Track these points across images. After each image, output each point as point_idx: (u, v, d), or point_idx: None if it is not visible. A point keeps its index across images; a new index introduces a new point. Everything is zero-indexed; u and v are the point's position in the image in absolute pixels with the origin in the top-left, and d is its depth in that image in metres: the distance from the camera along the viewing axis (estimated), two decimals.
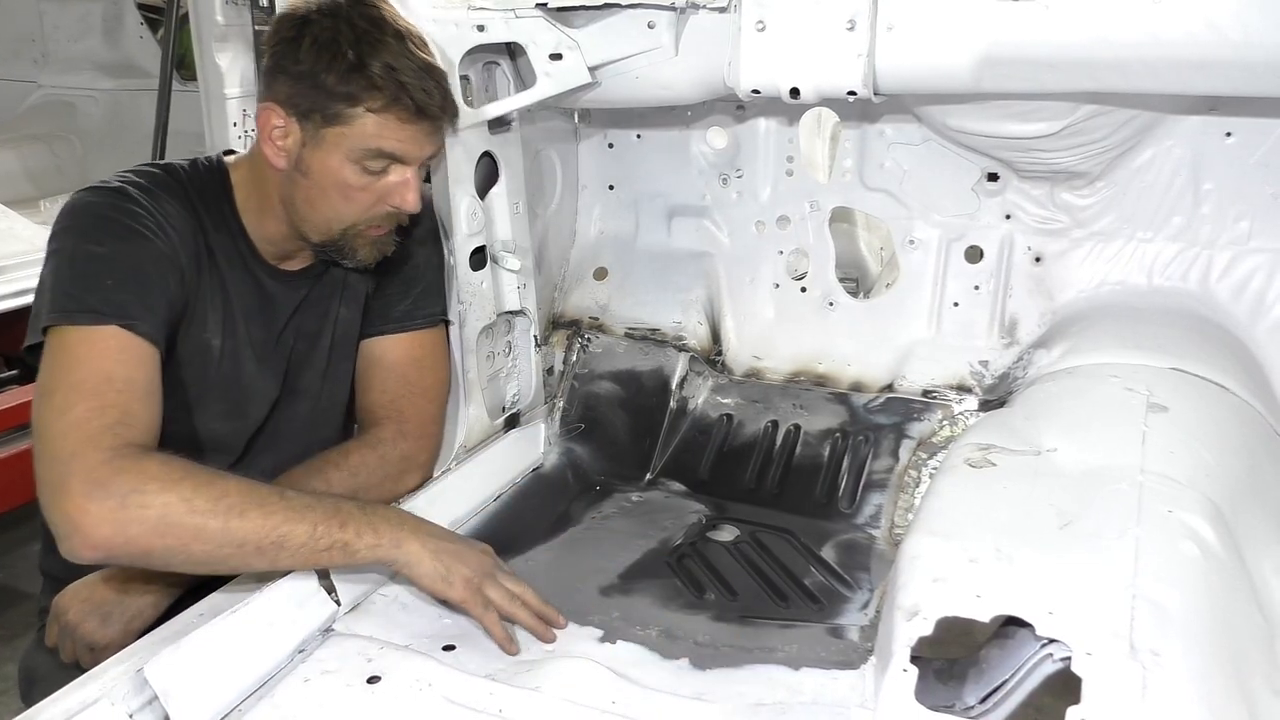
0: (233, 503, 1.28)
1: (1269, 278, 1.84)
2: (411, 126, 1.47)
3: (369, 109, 1.44)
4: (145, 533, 1.24)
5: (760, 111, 2.15)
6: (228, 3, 3.11)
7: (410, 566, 1.40)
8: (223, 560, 1.30)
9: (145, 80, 4.38)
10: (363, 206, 1.51)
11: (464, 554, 1.45)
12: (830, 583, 1.68)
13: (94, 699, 1.17)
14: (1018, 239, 2.02)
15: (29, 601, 2.44)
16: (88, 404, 1.29)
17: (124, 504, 1.23)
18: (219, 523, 1.26)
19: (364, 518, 1.38)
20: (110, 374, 1.33)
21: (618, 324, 2.25)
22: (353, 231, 1.53)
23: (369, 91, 1.44)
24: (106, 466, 1.24)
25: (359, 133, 1.45)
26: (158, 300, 1.43)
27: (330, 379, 1.72)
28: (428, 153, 1.53)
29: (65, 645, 1.48)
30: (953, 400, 1.99)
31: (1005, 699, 1.22)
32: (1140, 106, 1.75)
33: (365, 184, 1.49)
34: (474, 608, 1.41)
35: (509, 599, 1.44)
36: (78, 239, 1.42)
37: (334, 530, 1.34)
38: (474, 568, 1.43)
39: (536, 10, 1.78)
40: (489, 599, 1.42)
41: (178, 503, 1.25)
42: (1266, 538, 1.43)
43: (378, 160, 1.48)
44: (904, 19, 1.58)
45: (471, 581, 1.42)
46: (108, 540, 1.24)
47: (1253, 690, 1.16)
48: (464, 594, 1.41)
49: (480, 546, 1.51)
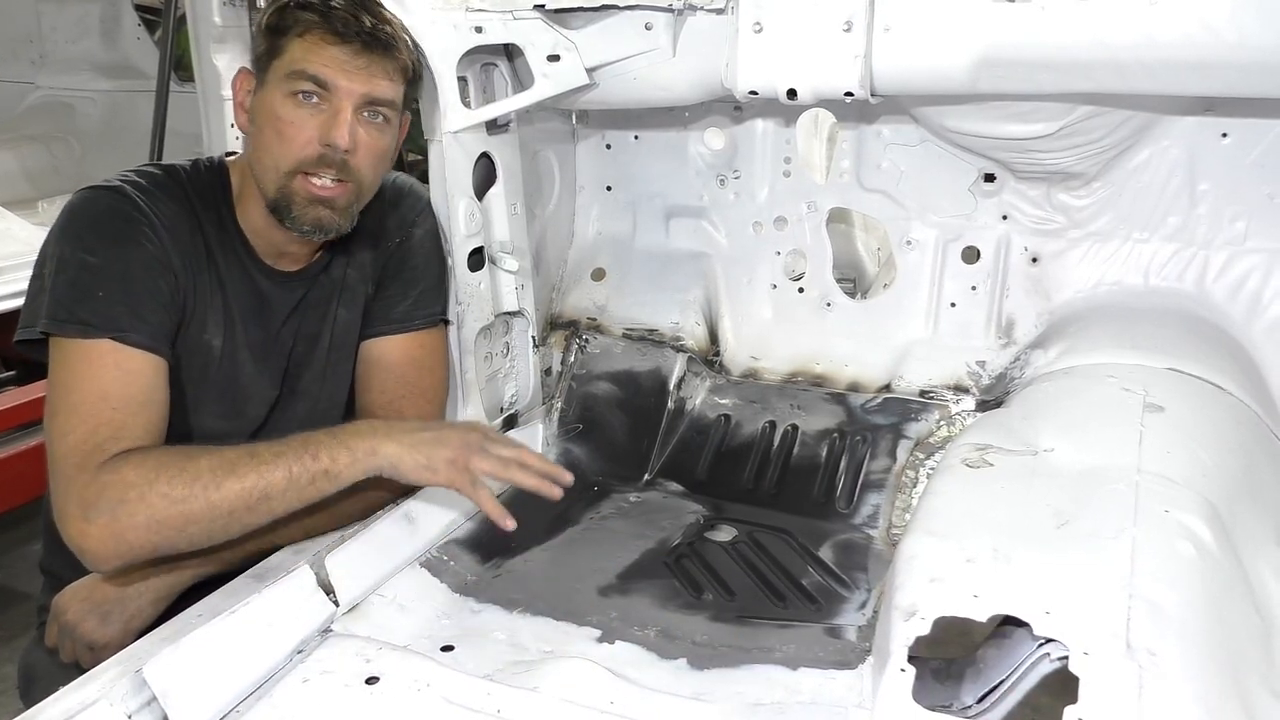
0: (207, 480, 1.32)
1: (1265, 278, 1.84)
2: (335, 49, 1.46)
3: (297, 34, 1.46)
4: (141, 534, 1.31)
5: (758, 112, 2.15)
6: (225, 4, 3.10)
7: (393, 468, 1.41)
8: (223, 530, 1.35)
9: (143, 81, 4.38)
10: (295, 144, 1.47)
11: (444, 437, 1.44)
12: (828, 583, 1.69)
13: (93, 699, 1.17)
14: (1014, 239, 2.03)
15: (28, 602, 2.44)
16: (84, 426, 1.35)
17: (115, 517, 1.30)
18: (201, 503, 1.31)
19: (334, 441, 1.39)
20: (106, 392, 1.38)
21: (615, 325, 2.25)
22: (289, 179, 1.49)
23: (296, 13, 1.46)
24: (93, 485, 1.31)
25: (289, 59, 1.46)
26: (150, 307, 1.45)
27: (329, 380, 1.72)
28: (359, 87, 1.48)
29: (65, 645, 1.48)
30: (950, 400, 1.99)
31: (1002, 698, 1.23)
32: (1136, 107, 1.75)
33: (297, 118, 1.47)
34: (464, 487, 1.41)
35: (502, 465, 1.43)
36: (73, 245, 1.44)
37: (308, 464, 1.37)
38: (456, 447, 1.42)
39: (534, 11, 1.78)
40: (481, 471, 1.41)
41: (159, 499, 1.30)
42: (1263, 537, 1.43)
43: (303, 82, 1.46)
44: (901, 20, 1.58)
45: (456, 462, 1.41)
46: (114, 551, 1.31)
47: (1249, 689, 1.17)
48: (449, 475, 1.41)
49: (466, 424, 1.50)
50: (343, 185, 1.51)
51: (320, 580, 1.43)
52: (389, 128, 1.55)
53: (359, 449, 1.39)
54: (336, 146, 1.47)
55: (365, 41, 1.48)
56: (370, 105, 1.50)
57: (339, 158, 1.48)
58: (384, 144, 1.55)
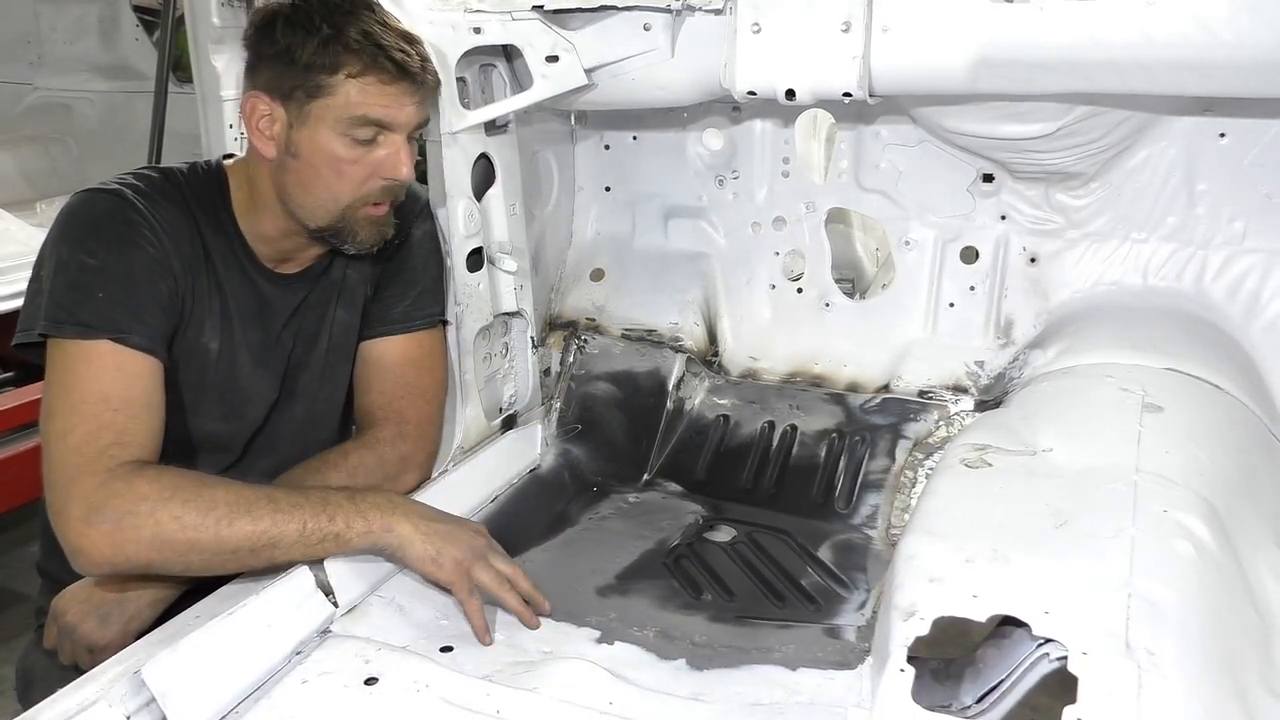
0: (221, 514, 1.33)
1: (1263, 278, 1.84)
2: (393, 88, 1.47)
3: (349, 75, 1.45)
4: (142, 550, 1.31)
5: (756, 113, 2.15)
6: (224, 4, 3.10)
7: (401, 549, 1.43)
8: (220, 565, 1.37)
9: (141, 82, 4.37)
10: (356, 181, 1.50)
11: (455, 535, 1.46)
12: (827, 583, 1.69)
13: (91, 701, 1.17)
14: (1013, 239, 2.03)
15: (26, 603, 2.43)
16: (85, 427, 1.35)
17: (119, 526, 1.30)
18: (210, 535, 1.32)
19: (353, 507, 1.41)
20: (106, 393, 1.38)
21: (614, 325, 2.25)
22: (351, 211, 1.52)
23: (346, 56, 1.44)
24: (102, 490, 1.31)
25: (342, 101, 1.46)
26: (149, 309, 1.45)
27: (328, 381, 1.72)
28: (414, 119, 1.52)
29: (64, 646, 1.48)
30: (949, 400, 1.99)
31: (1001, 698, 1.23)
32: (1134, 107, 1.75)
33: (356, 156, 1.48)
34: (459, 591, 1.44)
35: (498, 582, 1.46)
36: (72, 247, 1.44)
37: (323, 524, 1.38)
38: (464, 549, 1.45)
39: (533, 13, 1.78)
40: (477, 582, 1.44)
41: (169, 521, 1.31)
42: (1261, 537, 1.43)
43: (365, 128, 1.47)
44: (899, 20, 1.59)
45: (461, 564, 1.44)
46: (109, 559, 1.32)
47: (1248, 689, 1.17)
48: (452, 576, 1.43)
49: (474, 527, 1.53)
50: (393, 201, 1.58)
51: (319, 581, 1.43)
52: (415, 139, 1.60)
53: (376, 522, 1.42)
54: (403, 183, 1.54)
55: (418, 79, 1.51)
56: (417, 129, 1.56)
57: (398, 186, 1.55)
58: (414, 155, 1.59)
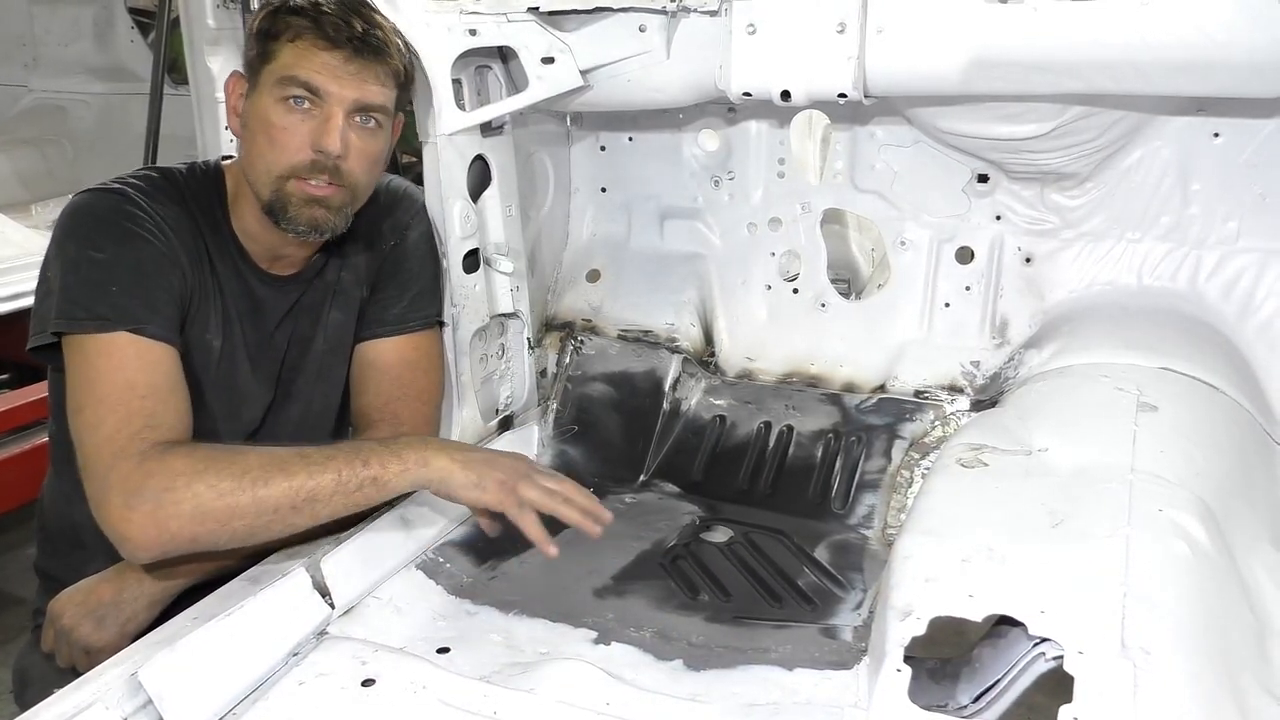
0: (256, 475, 1.33)
1: (1257, 277, 1.85)
2: (326, 55, 1.46)
3: (288, 39, 1.46)
4: (185, 525, 1.32)
5: (751, 114, 2.15)
6: (219, 6, 3.10)
7: (443, 482, 1.42)
8: (265, 527, 1.36)
9: (137, 84, 4.37)
10: (288, 150, 1.47)
11: (495, 460, 1.47)
12: (823, 583, 1.69)
13: (88, 703, 1.17)
14: (1008, 240, 2.03)
15: (23, 605, 2.43)
16: (115, 416, 1.36)
17: (159, 504, 1.30)
18: (248, 497, 1.33)
19: (386, 450, 1.41)
20: (132, 381, 1.38)
21: (611, 326, 2.25)
22: (283, 182, 1.49)
23: (288, 18, 1.46)
24: (138, 472, 1.31)
25: (280, 65, 1.46)
26: (163, 299, 1.45)
27: (323, 382, 1.72)
28: (351, 93, 1.48)
29: (61, 649, 1.48)
30: (945, 400, 2.00)
31: (998, 698, 1.23)
32: (1128, 108, 1.75)
33: (289, 124, 1.47)
34: (510, 509, 1.43)
35: (548, 495, 1.45)
36: (79, 244, 1.44)
37: (359, 469, 1.38)
38: (507, 471, 1.44)
39: (528, 14, 1.78)
40: (526, 499, 1.43)
41: (206, 490, 1.31)
42: (1256, 536, 1.44)
43: (294, 87, 1.46)
44: (894, 22, 1.59)
45: (505, 484, 1.43)
46: (155, 540, 1.32)
47: (1243, 687, 1.17)
48: (498, 496, 1.42)
49: (513, 454, 1.52)
50: (336, 187, 1.51)
51: (316, 583, 1.43)
52: (381, 132, 1.55)
53: (410, 459, 1.41)
54: (328, 153, 1.48)
55: (356, 47, 1.48)
56: (361, 110, 1.50)
57: (331, 163, 1.49)
58: (376, 148, 1.55)
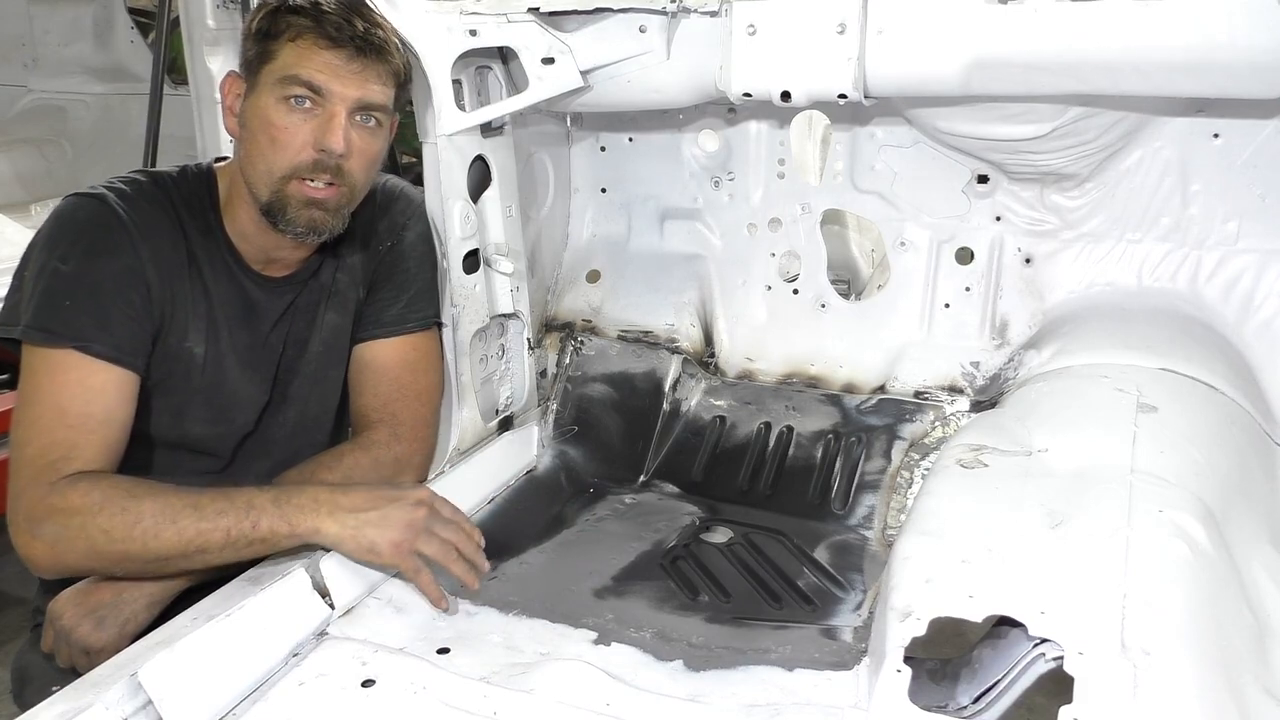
0: (146, 526, 1.35)
1: (1257, 278, 1.85)
2: (330, 54, 1.46)
3: (289, 39, 1.46)
4: (80, 559, 1.37)
5: (751, 114, 2.15)
6: (219, 6, 3.10)
7: (337, 549, 1.44)
8: (158, 570, 1.41)
9: (136, 84, 4.37)
10: (290, 150, 1.47)
11: (388, 517, 1.43)
12: (823, 584, 1.69)
13: (88, 703, 1.16)
14: (1008, 240, 2.03)
15: (21, 605, 2.43)
16: (40, 441, 1.39)
17: (56, 540, 1.35)
18: (138, 546, 1.36)
19: (277, 511, 1.40)
20: (64, 408, 1.41)
21: (610, 326, 2.25)
22: (284, 183, 1.49)
23: (288, 18, 1.46)
24: (41, 504, 1.36)
25: (280, 63, 1.46)
26: (117, 319, 1.46)
27: (319, 384, 1.72)
28: (353, 92, 1.48)
29: (61, 649, 1.48)
30: (944, 401, 2.00)
31: (998, 698, 1.23)
32: (1128, 108, 1.75)
33: (290, 123, 1.47)
34: (405, 571, 1.45)
35: (444, 552, 1.46)
36: (49, 253, 1.46)
37: (247, 530, 1.38)
38: (400, 529, 1.43)
39: (529, 15, 1.78)
40: (422, 557, 1.44)
41: (98, 534, 1.35)
42: (1256, 536, 1.44)
43: (296, 87, 1.46)
44: (894, 23, 1.59)
45: (400, 545, 1.42)
46: (54, 567, 1.39)
47: (1243, 688, 1.17)
48: (394, 559, 1.43)
49: (412, 498, 1.47)
50: (335, 188, 1.52)
51: (315, 583, 1.43)
52: (380, 131, 1.55)
53: (301, 525, 1.40)
54: (332, 152, 1.48)
55: (358, 46, 1.48)
56: (363, 110, 1.51)
57: (333, 163, 1.49)
58: (376, 148, 1.56)
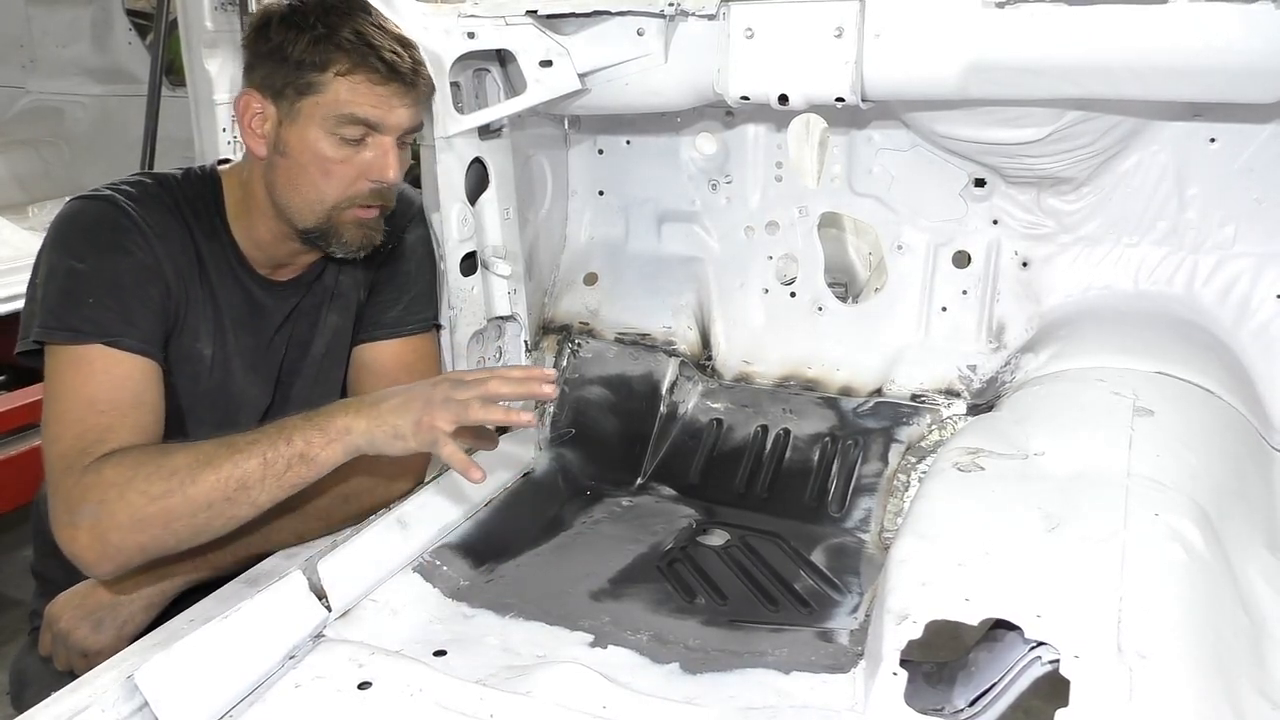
0: (183, 475, 1.31)
1: (1253, 282, 1.85)
2: (383, 88, 1.47)
3: (338, 73, 1.45)
4: (126, 535, 1.31)
5: (749, 118, 2.16)
6: (217, 8, 3.11)
7: (370, 445, 1.37)
8: (207, 524, 1.34)
9: (134, 86, 4.36)
10: (344, 182, 1.49)
11: (409, 401, 1.37)
12: (820, 587, 1.69)
13: (84, 705, 1.17)
14: (1005, 244, 2.03)
15: (19, 607, 2.43)
16: (72, 432, 1.36)
17: (97, 519, 1.30)
18: (179, 498, 1.31)
19: (307, 424, 1.37)
20: (93, 397, 1.38)
21: (608, 329, 2.25)
22: (337, 212, 1.51)
23: (337, 53, 1.45)
24: (76, 488, 1.31)
25: (331, 99, 1.45)
26: (140, 312, 1.45)
27: (320, 386, 1.72)
28: (404, 122, 1.51)
29: (59, 653, 1.48)
30: (941, 404, 2.00)
31: (994, 701, 1.23)
32: (1125, 112, 1.76)
33: (344, 157, 1.48)
34: (432, 448, 1.36)
35: (463, 410, 1.34)
36: (63, 253, 1.45)
37: (283, 449, 1.35)
38: (419, 408, 1.35)
39: (527, 17, 1.78)
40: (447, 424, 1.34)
41: (138, 498, 1.30)
42: (1251, 540, 1.44)
43: (352, 127, 1.47)
44: (891, 26, 1.59)
45: (421, 423, 1.34)
46: (102, 554, 1.32)
47: (1239, 692, 1.17)
48: (419, 440, 1.35)
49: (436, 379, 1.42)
50: (382, 206, 1.57)
51: (312, 585, 1.43)
52: (409, 146, 1.60)
53: (332, 429, 1.36)
54: (390, 185, 1.52)
55: (408, 80, 1.50)
56: (406, 133, 1.55)
57: (386, 189, 1.53)
58: (406, 163, 1.59)
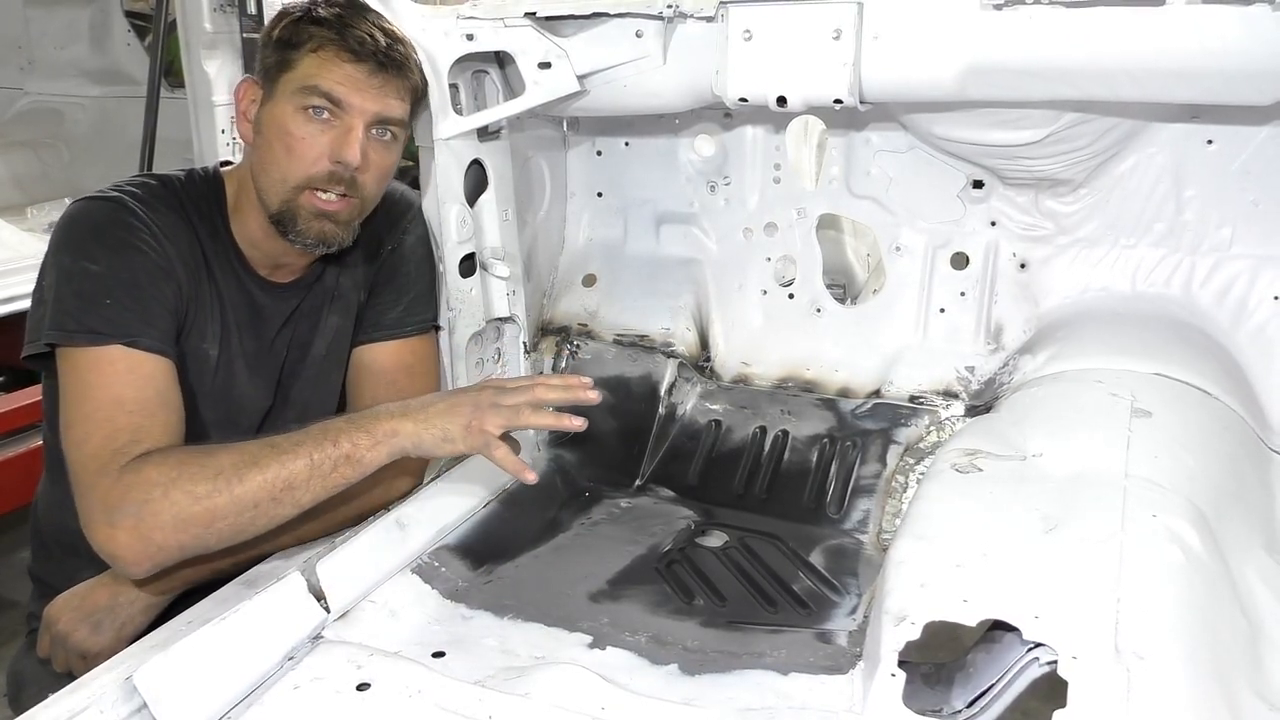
0: (229, 475, 1.32)
1: (1250, 283, 1.86)
2: (351, 66, 1.46)
3: (311, 49, 1.46)
4: (169, 535, 1.31)
5: (748, 119, 2.16)
6: (216, 10, 3.11)
7: (415, 446, 1.40)
8: (250, 523, 1.35)
9: (133, 87, 4.36)
10: (305, 161, 1.47)
11: (456, 405, 1.41)
12: (818, 588, 1.69)
13: (83, 707, 1.17)
14: (1003, 245, 2.04)
15: (17, 609, 2.43)
16: (102, 432, 1.35)
17: (140, 518, 1.29)
18: (225, 498, 1.32)
19: (352, 426, 1.39)
20: (120, 397, 1.38)
21: (606, 330, 2.25)
22: (297, 193, 1.49)
23: (312, 28, 1.46)
24: (116, 487, 1.30)
25: (301, 74, 1.46)
26: (157, 312, 1.45)
27: (321, 387, 1.72)
28: (371, 106, 1.49)
29: (57, 654, 1.48)
30: (939, 405, 2.00)
31: (992, 702, 1.23)
32: (1123, 114, 1.76)
33: (307, 134, 1.47)
34: (482, 450, 1.40)
35: (514, 414, 1.40)
36: (75, 254, 1.44)
37: (329, 450, 1.36)
38: (467, 413, 1.39)
39: (525, 19, 1.78)
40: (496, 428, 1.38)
41: (183, 497, 1.30)
42: (1249, 541, 1.44)
43: (316, 97, 1.46)
44: (889, 28, 1.60)
45: (471, 428, 1.39)
46: (143, 553, 1.31)
47: (1236, 693, 1.17)
48: (469, 443, 1.39)
49: (478, 385, 1.47)
50: (347, 200, 1.52)
51: (311, 586, 1.43)
52: (395, 144, 1.57)
53: (378, 431, 1.39)
54: (348, 164, 1.48)
55: (380, 61, 1.49)
56: (380, 123, 1.52)
57: (348, 175, 1.50)
58: (389, 161, 1.57)
